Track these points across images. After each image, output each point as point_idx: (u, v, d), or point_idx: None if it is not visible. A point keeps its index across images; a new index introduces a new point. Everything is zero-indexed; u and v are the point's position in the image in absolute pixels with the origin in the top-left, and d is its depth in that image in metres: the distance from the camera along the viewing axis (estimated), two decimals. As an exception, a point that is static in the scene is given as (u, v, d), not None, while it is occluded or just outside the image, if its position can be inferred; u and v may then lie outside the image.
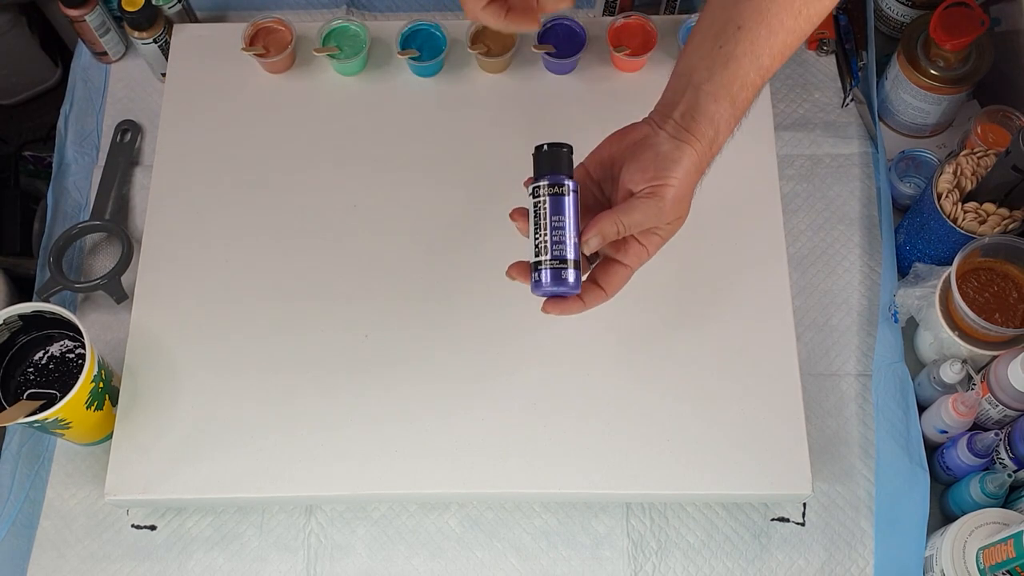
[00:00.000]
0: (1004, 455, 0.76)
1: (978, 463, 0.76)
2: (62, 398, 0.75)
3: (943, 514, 0.82)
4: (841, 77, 0.98)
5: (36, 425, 0.76)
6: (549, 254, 0.66)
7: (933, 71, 0.89)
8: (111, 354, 0.85)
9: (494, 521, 0.82)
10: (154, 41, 0.95)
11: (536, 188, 0.67)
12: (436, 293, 0.84)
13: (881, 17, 0.99)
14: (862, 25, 0.98)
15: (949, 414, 0.78)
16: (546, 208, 0.66)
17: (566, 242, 0.66)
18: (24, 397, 0.79)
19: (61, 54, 1.30)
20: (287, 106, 0.93)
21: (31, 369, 0.80)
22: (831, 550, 0.81)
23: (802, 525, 0.81)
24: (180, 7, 0.97)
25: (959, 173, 0.81)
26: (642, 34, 0.92)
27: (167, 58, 0.96)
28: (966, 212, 0.79)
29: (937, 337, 0.81)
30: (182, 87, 0.94)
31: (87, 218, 0.93)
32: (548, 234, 0.66)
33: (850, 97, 0.96)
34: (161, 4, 0.95)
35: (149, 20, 0.93)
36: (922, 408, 0.83)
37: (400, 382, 0.81)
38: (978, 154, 0.81)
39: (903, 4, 0.96)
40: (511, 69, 0.94)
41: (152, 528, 0.83)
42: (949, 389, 0.80)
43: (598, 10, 0.99)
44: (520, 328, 0.75)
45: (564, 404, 0.80)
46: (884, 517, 0.81)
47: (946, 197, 0.80)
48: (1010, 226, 0.79)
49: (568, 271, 0.66)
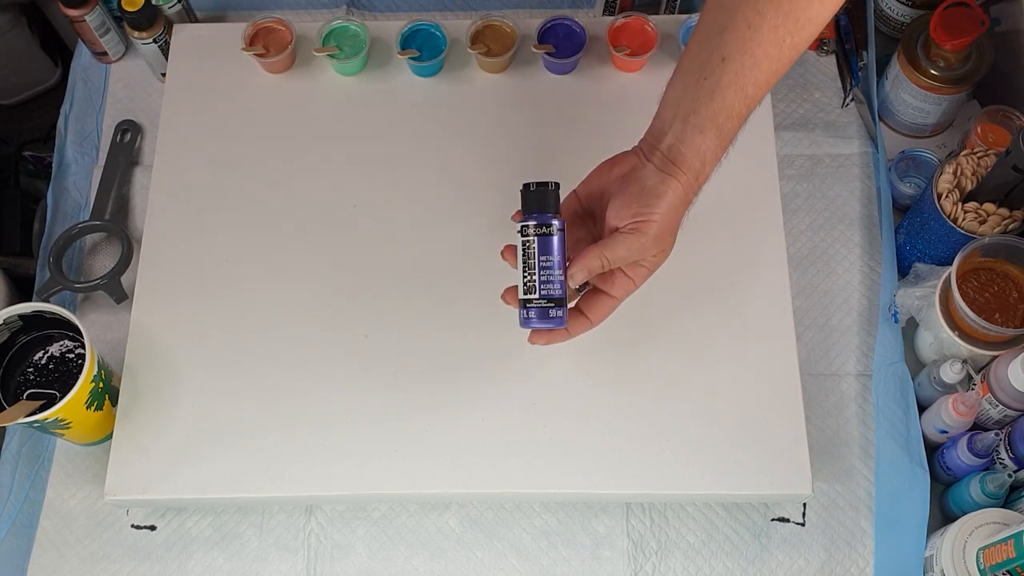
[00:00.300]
0: (1004, 455, 0.76)
1: (978, 463, 0.76)
2: (62, 398, 0.75)
3: (943, 514, 0.82)
4: (841, 77, 0.98)
5: (36, 425, 0.76)
6: (538, 293, 0.70)
7: (933, 71, 0.89)
8: (111, 354, 0.85)
9: (494, 521, 0.82)
10: (154, 41, 0.95)
11: (524, 227, 0.70)
12: (436, 293, 0.84)
13: (881, 17, 0.99)
14: (862, 25, 0.98)
15: (949, 414, 0.78)
16: (534, 248, 0.69)
17: (554, 281, 0.69)
18: (24, 397, 0.79)
19: (61, 54, 1.30)
20: (287, 106, 0.93)
21: (31, 369, 0.80)
22: (831, 550, 0.81)
23: (802, 525, 0.81)
24: (180, 7, 0.97)
25: (959, 173, 0.81)
26: (642, 34, 0.92)
27: (167, 58, 0.96)
28: (966, 212, 0.79)
29: (937, 337, 0.81)
30: (182, 87, 0.94)
31: (87, 218, 0.93)
32: (537, 274, 0.69)
33: (850, 97, 0.96)
34: (161, 4, 0.95)
35: (149, 20, 0.93)
36: (922, 408, 0.83)
37: (400, 382, 0.81)
38: (978, 154, 0.81)
39: (903, 4, 0.96)
40: (511, 69, 0.94)
41: (152, 528, 0.83)
42: (949, 389, 0.80)
43: (598, 10, 0.99)
44: (520, 328, 0.75)
45: (564, 404, 0.80)
46: (884, 517, 0.81)
47: (946, 197, 0.80)
48: (1010, 226, 0.79)
49: (556, 309, 0.70)
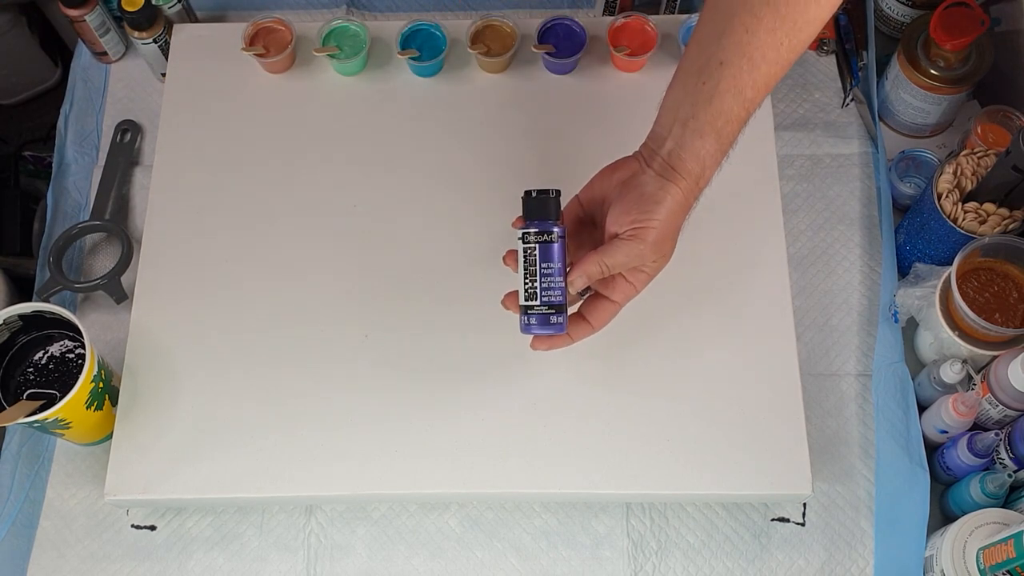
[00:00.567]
0: (1004, 455, 0.76)
1: (978, 463, 0.76)
2: (62, 398, 0.75)
3: (943, 514, 0.82)
4: (841, 77, 0.98)
5: (36, 425, 0.76)
6: (539, 300, 0.70)
7: (933, 71, 0.89)
8: (111, 354, 0.85)
9: (494, 521, 0.82)
10: (154, 41, 0.95)
11: (526, 235, 0.71)
12: (436, 293, 0.84)
13: (881, 17, 0.99)
14: (862, 25, 0.98)
15: (949, 414, 0.78)
16: (536, 255, 0.70)
17: (555, 288, 0.70)
18: (24, 397, 0.79)
19: (61, 54, 1.30)
20: (287, 106, 0.93)
21: (31, 369, 0.80)
22: (831, 550, 0.81)
23: (802, 525, 0.81)
24: (180, 7, 0.97)
25: (959, 173, 0.81)
26: (642, 34, 0.92)
27: (167, 58, 0.96)
28: (966, 212, 0.79)
29: (937, 337, 0.81)
30: (182, 87, 0.94)
31: (87, 218, 0.93)
32: (538, 281, 0.70)
33: (850, 97, 0.96)
34: (161, 4, 0.95)
35: (149, 20, 0.93)
36: (922, 408, 0.83)
37: (400, 382, 0.81)
38: (978, 154, 0.81)
39: (903, 4, 0.96)
40: (511, 69, 0.94)
41: (152, 528, 0.83)
42: (949, 389, 0.80)
43: (598, 10, 0.99)
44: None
45: (564, 404, 0.80)
46: (884, 517, 0.81)
47: (946, 197, 0.80)
48: (1010, 226, 0.79)
49: (556, 315, 0.71)
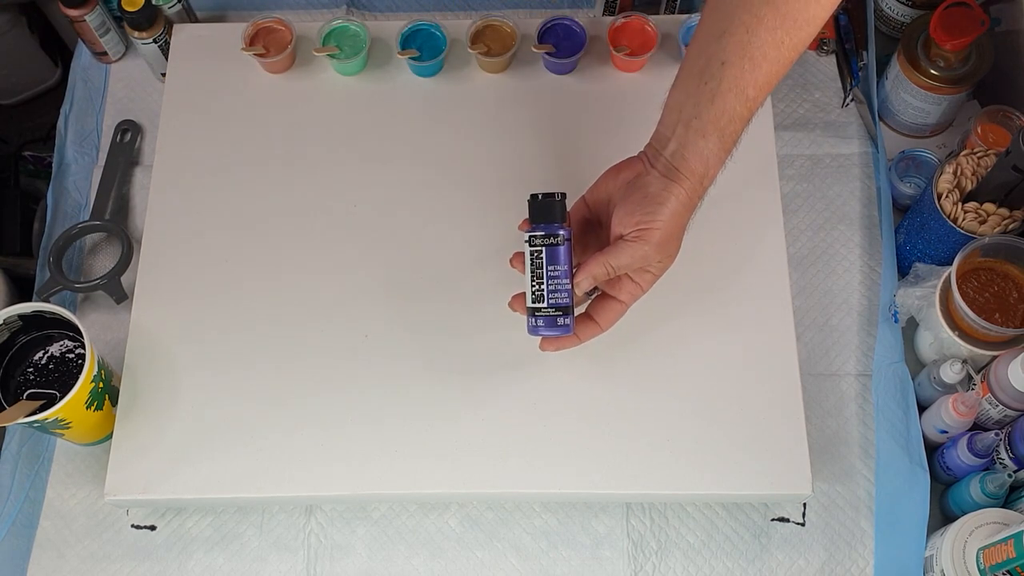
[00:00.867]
0: (1004, 455, 0.76)
1: (978, 463, 0.76)
2: (62, 398, 0.75)
3: (943, 514, 0.82)
4: (841, 77, 0.98)
5: (36, 425, 0.76)
6: (546, 302, 0.72)
7: (933, 71, 0.89)
8: (111, 354, 0.85)
9: (494, 521, 0.82)
10: (154, 41, 0.95)
11: (532, 237, 0.72)
12: (436, 293, 0.84)
13: (881, 17, 0.99)
14: (862, 25, 0.98)
15: (949, 414, 0.78)
16: (542, 258, 0.71)
17: (562, 290, 0.71)
18: (24, 397, 0.79)
19: (61, 54, 1.30)
20: (287, 106, 0.93)
21: (31, 369, 0.80)
22: (831, 550, 0.81)
23: (802, 525, 0.81)
24: (180, 7, 0.97)
25: (959, 173, 0.81)
26: (642, 34, 0.92)
27: (167, 58, 0.96)
28: (966, 212, 0.79)
29: (937, 337, 0.81)
30: (182, 87, 0.94)
31: (87, 218, 0.92)
32: (545, 283, 0.71)
33: (850, 97, 0.96)
34: (161, 4, 0.95)
35: (149, 20, 0.93)
36: (922, 408, 0.83)
37: (400, 382, 0.81)
38: (978, 154, 0.81)
39: (903, 4, 0.96)
40: (511, 69, 0.94)
41: (152, 528, 0.83)
42: (949, 389, 0.80)
43: (598, 10, 0.99)
44: (521, 328, 0.75)
45: (564, 404, 0.80)
46: (884, 517, 0.81)
47: (946, 197, 0.80)
48: (1010, 226, 0.79)
49: (563, 317, 0.72)
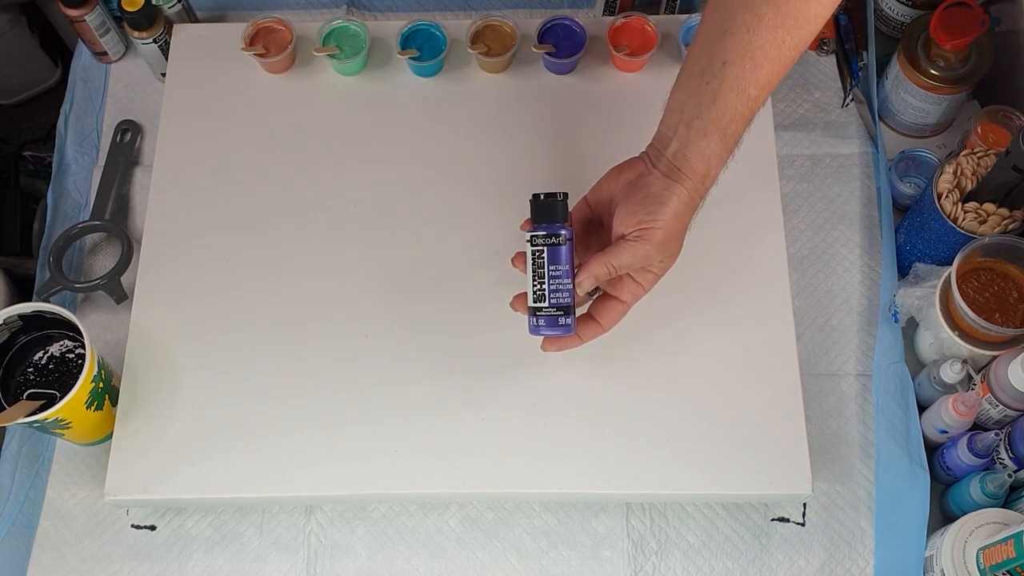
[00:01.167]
0: (1004, 455, 0.76)
1: (978, 463, 0.76)
2: (62, 398, 0.75)
3: (943, 514, 0.82)
4: (841, 77, 0.98)
5: (36, 425, 0.76)
6: (547, 302, 0.72)
7: (933, 71, 0.89)
8: (111, 354, 0.85)
9: (494, 521, 0.82)
10: (154, 41, 0.95)
11: (534, 237, 0.72)
12: (436, 293, 0.84)
13: (881, 17, 0.99)
14: (862, 25, 0.98)
15: (949, 414, 0.78)
16: (544, 258, 0.71)
17: (563, 290, 0.72)
18: (24, 397, 0.79)
19: (61, 54, 1.30)
20: (287, 106, 0.93)
21: (31, 369, 0.80)
22: (831, 550, 0.81)
23: (802, 525, 0.81)
24: (180, 7, 0.97)
25: (959, 173, 0.81)
26: (642, 34, 0.92)
27: (167, 58, 0.96)
28: (966, 212, 0.79)
29: (937, 337, 0.81)
30: (182, 87, 0.94)
31: (87, 218, 0.92)
32: (547, 283, 0.71)
33: (850, 97, 0.96)
34: (161, 4, 0.95)
35: (149, 20, 0.93)
36: (922, 408, 0.83)
37: (400, 382, 0.81)
38: (978, 154, 0.81)
39: (903, 4, 0.96)
40: (511, 69, 0.94)
41: (152, 528, 0.83)
42: (949, 389, 0.80)
43: (598, 10, 0.99)
44: (520, 328, 0.75)
45: (564, 404, 0.80)
46: (884, 517, 0.81)
47: (946, 197, 0.80)
48: (1010, 226, 0.79)
49: (565, 316, 0.72)
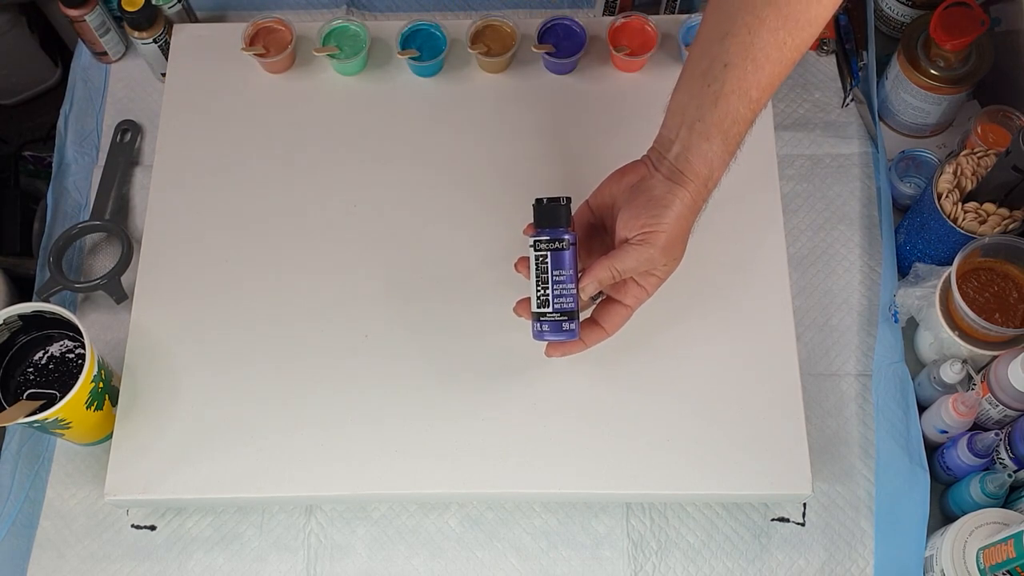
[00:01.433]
0: (1004, 455, 0.76)
1: (978, 463, 0.76)
2: (62, 398, 0.75)
3: (943, 514, 0.82)
4: (841, 77, 0.98)
5: (36, 425, 0.76)
6: (551, 307, 0.72)
7: (933, 71, 0.89)
8: (111, 354, 0.85)
9: (494, 521, 0.82)
10: (154, 41, 0.95)
11: (537, 242, 0.72)
12: (436, 293, 0.84)
13: (881, 17, 0.99)
14: (862, 25, 0.98)
15: (949, 414, 0.78)
16: (547, 263, 0.71)
17: (567, 295, 0.71)
18: (24, 397, 0.79)
19: (61, 54, 1.30)
20: (287, 106, 0.93)
21: (31, 369, 0.80)
22: (831, 550, 0.81)
23: (802, 525, 0.81)
24: (180, 7, 0.97)
25: (959, 173, 0.81)
26: (642, 34, 0.92)
27: (167, 58, 0.96)
28: (966, 212, 0.79)
29: (937, 337, 0.81)
30: (182, 87, 0.94)
31: (87, 218, 0.92)
32: (551, 288, 0.71)
33: (850, 97, 0.96)
34: (161, 4, 0.95)
35: (149, 20, 0.93)
36: (922, 408, 0.83)
37: (400, 382, 0.81)
38: (978, 154, 0.81)
39: (903, 4, 0.96)
40: (511, 69, 0.94)
41: (152, 528, 0.83)
42: (949, 389, 0.80)
43: (598, 10, 0.99)
44: (520, 328, 0.75)
45: (564, 404, 0.80)
46: (884, 517, 0.81)
47: (946, 197, 0.80)
48: (1010, 226, 0.79)
49: (569, 322, 0.72)
